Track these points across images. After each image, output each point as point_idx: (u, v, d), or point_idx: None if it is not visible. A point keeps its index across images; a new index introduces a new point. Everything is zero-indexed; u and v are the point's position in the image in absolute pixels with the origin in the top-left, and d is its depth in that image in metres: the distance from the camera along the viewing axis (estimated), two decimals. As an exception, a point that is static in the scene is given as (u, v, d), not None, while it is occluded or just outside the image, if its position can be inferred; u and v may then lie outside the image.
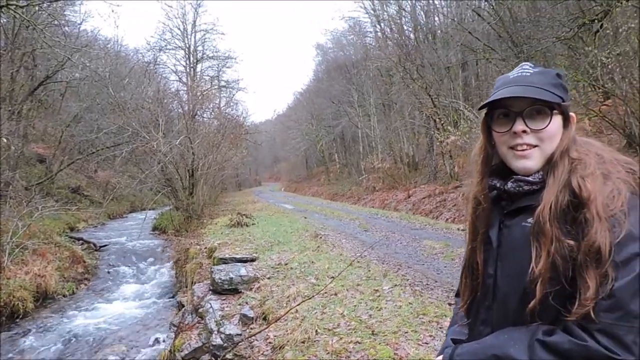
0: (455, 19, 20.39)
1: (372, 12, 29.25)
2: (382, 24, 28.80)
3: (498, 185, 1.34)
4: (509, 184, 1.30)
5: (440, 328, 4.63)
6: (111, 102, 18.28)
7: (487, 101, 1.31)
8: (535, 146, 1.26)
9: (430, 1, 24.57)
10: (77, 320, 8.56)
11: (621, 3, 8.76)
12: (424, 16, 24.98)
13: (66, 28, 18.64)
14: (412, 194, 18.29)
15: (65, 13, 18.87)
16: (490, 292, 1.32)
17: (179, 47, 37.86)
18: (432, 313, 5.09)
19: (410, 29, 25.61)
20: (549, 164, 1.26)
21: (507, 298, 1.27)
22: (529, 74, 1.30)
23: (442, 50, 20.83)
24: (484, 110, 1.39)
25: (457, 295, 1.61)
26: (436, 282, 6.58)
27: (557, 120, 1.27)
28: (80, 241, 14.05)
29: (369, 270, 7.33)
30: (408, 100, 23.18)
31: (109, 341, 7.53)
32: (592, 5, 11.00)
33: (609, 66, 9.78)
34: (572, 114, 1.30)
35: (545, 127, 1.25)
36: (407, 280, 6.73)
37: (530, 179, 1.27)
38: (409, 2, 25.03)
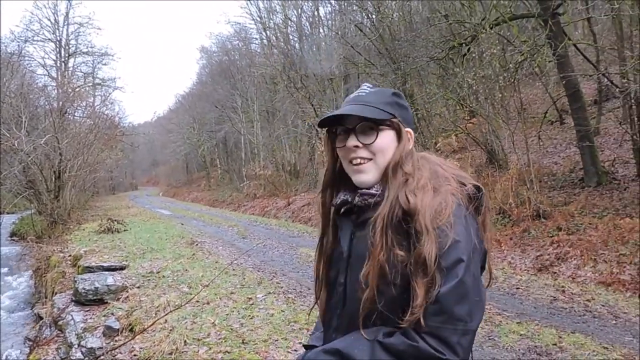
0: (339, 33, 20.98)
1: (258, 19, 29.31)
2: (268, 32, 28.95)
3: (349, 199, 1.37)
4: (356, 198, 1.35)
5: (310, 335, 4.67)
6: (-36, 95, 16.44)
7: (321, 118, 1.36)
8: (370, 159, 1.32)
9: (316, 13, 25.13)
10: None
11: (485, 30, 9.52)
12: (309, 27, 25.48)
13: None
14: (292, 201, 18.43)
15: None
16: (340, 300, 1.36)
17: (49, 39, 34.91)
18: (303, 320, 5.13)
19: (295, 39, 26.00)
20: (385, 177, 1.32)
21: (353, 305, 1.30)
22: (365, 93, 1.38)
23: (326, 61, 21.31)
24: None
25: None
26: (309, 289, 6.64)
27: (387, 135, 1.33)
28: None
29: (244, 278, 7.26)
30: (291, 108, 23.45)
31: (-52, 360, 6.70)
32: (461, 30, 11.85)
33: (474, 87, 10.59)
34: (408, 129, 1.37)
35: (372, 141, 1.31)
36: (281, 287, 6.76)
37: (373, 191, 1.32)
38: (295, 12, 25.42)
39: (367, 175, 1.32)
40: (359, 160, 1.32)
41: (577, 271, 6.69)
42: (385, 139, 1.32)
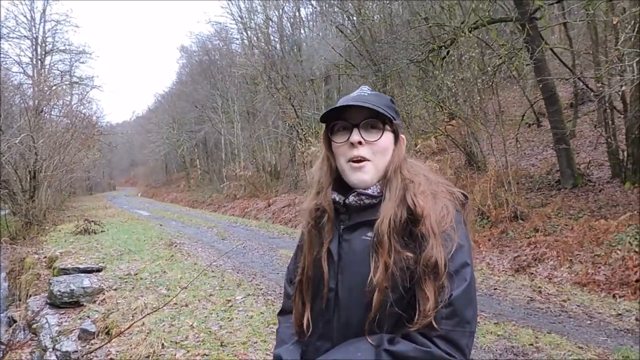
0: (320, 34, 21.01)
1: (239, 19, 29.14)
2: (249, 32, 28.80)
3: (337, 199, 1.34)
4: (351, 198, 1.32)
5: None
6: (-64, 93, 16.07)
7: (327, 110, 1.33)
8: (369, 160, 1.30)
9: (297, 14, 25.12)
10: None
11: (464, 33, 9.61)
12: (290, 28, 25.44)
13: None
14: (272, 202, 18.36)
15: None
16: (331, 305, 1.31)
17: (25, 36, 34.20)
18: (283, 322, 5.10)
19: (276, 39, 25.93)
20: (385, 179, 1.31)
21: (349, 310, 1.27)
22: (366, 94, 1.37)
23: (307, 62, 21.33)
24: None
25: (280, 313, 1.59)
26: (290, 291, 6.63)
27: (389, 136, 1.34)
28: None
29: (223, 280, 7.22)
30: (272, 109, 23.37)
31: None
32: (441, 33, 11.95)
33: (454, 90, 10.69)
34: (402, 136, 1.38)
35: (378, 139, 1.31)
36: (261, 289, 6.74)
37: (370, 192, 1.30)
38: (276, 12, 25.36)
39: (367, 175, 1.30)
40: (360, 158, 1.30)
41: (553, 272, 6.79)
42: (387, 140, 1.33)
